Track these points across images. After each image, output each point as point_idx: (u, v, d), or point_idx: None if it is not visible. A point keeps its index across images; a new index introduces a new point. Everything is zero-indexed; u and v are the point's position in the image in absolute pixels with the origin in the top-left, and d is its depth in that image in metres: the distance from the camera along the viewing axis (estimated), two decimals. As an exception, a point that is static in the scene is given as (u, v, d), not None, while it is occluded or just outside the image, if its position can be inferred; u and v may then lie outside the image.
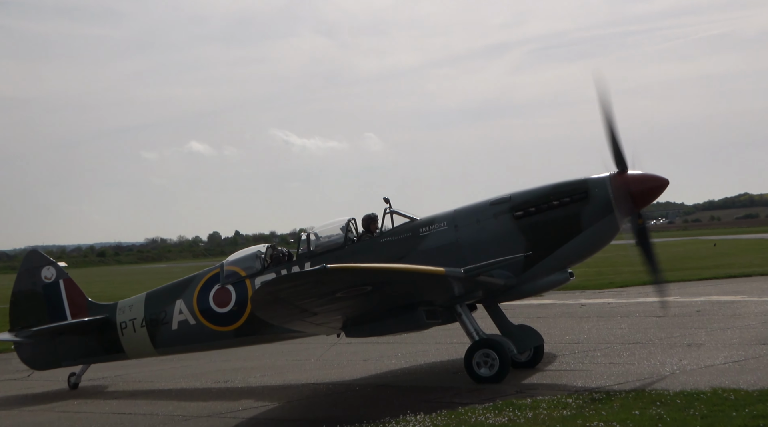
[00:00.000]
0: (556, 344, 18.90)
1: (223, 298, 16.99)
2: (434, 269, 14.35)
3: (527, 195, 15.50)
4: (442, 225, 15.79)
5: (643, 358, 16.18)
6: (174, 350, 17.74)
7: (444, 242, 15.64)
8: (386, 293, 14.36)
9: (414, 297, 15.01)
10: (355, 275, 13.50)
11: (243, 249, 18.10)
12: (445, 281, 14.57)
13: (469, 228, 15.60)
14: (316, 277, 13.06)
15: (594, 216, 15.17)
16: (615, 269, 43.73)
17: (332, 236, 16.69)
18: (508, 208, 15.49)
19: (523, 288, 15.62)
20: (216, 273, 17.33)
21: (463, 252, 15.44)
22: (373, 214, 16.54)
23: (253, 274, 16.91)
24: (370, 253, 15.99)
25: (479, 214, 15.64)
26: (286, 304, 13.85)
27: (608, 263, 47.93)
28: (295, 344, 22.27)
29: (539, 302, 29.48)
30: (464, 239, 15.55)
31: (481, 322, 15.99)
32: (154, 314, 17.65)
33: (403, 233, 16.03)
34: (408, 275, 14.17)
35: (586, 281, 36.89)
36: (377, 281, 13.83)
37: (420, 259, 15.41)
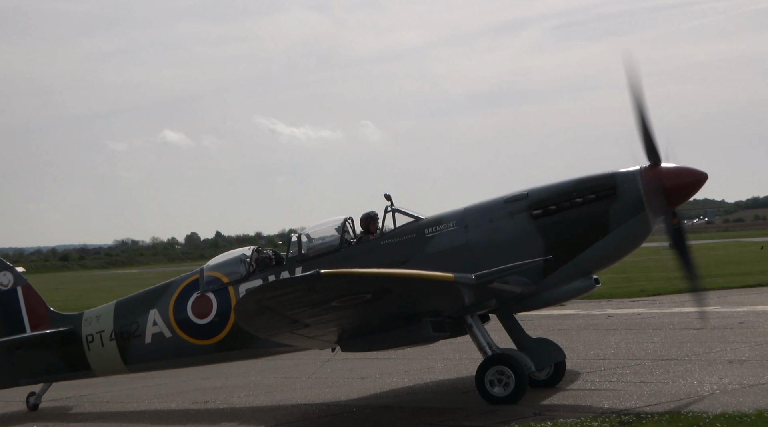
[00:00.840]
0: (580, 359, 18.95)
1: (203, 307, 17.06)
2: (441, 275, 14.40)
3: (547, 191, 15.57)
4: (451, 225, 15.85)
5: (679, 376, 16.22)
6: (147, 367, 17.81)
7: (452, 244, 15.71)
8: (387, 302, 14.41)
9: (419, 307, 15.05)
10: (353, 281, 13.54)
11: (225, 252, 18.15)
12: (453, 288, 14.62)
13: (481, 229, 15.67)
14: (308, 284, 13.10)
15: (623, 215, 15.22)
16: (646, 275, 43.79)
17: (326, 238, 16.73)
18: (525, 207, 15.55)
19: (543, 297, 15.71)
20: (195, 279, 17.39)
21: (474, 256, 15.54)
22: (373, 212, 16.57)
23: (236, 280, 16.97)
24: (369, 256, 16.04)
25: (492, 213, 15.70)
26: (275, 314, 13.89)
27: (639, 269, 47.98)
28: (285, 360, 22.28)
29: (560, 313, 29.57)
30: (475, 241, 15.62)
31: (494, 335, 16.04)
32: (124, 326, 17.70)
33: (406, 235, 16.10)
34: (412, 281, 14.22)
35: (614, 288, 36.95)
36: (377, 288, 13.88)
37: (425, 263, 15.47)
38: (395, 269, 14.85)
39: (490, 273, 14.76)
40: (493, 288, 14.95)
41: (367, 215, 16.59)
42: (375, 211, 16.58)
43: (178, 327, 17.16)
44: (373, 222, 16.52)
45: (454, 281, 14.40)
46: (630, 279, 42.12)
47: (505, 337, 16.77)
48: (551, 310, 28.56)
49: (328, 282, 13.16)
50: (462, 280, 14.56)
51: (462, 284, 14.58)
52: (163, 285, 17.81)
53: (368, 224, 16.56)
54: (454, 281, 14.40)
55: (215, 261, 17.60)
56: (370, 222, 16.55)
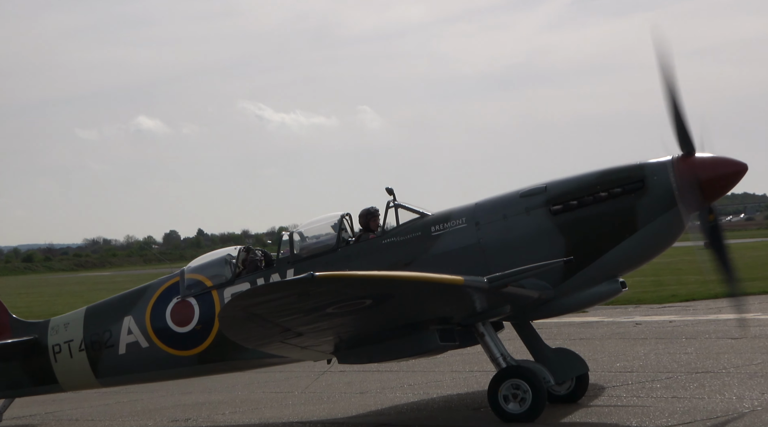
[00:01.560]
0: (605, 372, 18.99)
1: (183, 314, 17.07)
2: (450, 278, 14.42)
3: (567, 185, 15.62)
4: (460, 222, 15.91)
5: (715, 391, 16.24)
6: (121, 380, 17.82)
7: (462, 243, 15.76)
8: (390, 309, 14.43)
9: (424, 313, 15.06)
10: (351, 285, 13.57)
11: (209, 253, 18.15)
12: (463, 292, 14.64)
13: (494, 226, 15.72)
14: (301, 288, 13.13)
15: (652, 211, 15.22)
16: (678, 279, 43.84)
17: (321, 237, 16.75)
18: (543, 201, 15.59)
19: (563, 302, 15.72)
20: (175, 283, 17.41)
21: (486, 256, 15.59)
22: (373, 208, 16.61)
23: (221, 284, 17.00)
24: (369, 257, 16.08)
25: (507, 208, 15.75)
26: (263, 322, 13.91)
27: (670, 271, 48.03)
28: (275, 373, 22.32)
29: (583, 320, 29.62)
30: (488, 240, 15.67)
31: (509, 344, 16.04)
32: (95, 335, 17.70)
33: (410, 233, 16.13)
34: (417, 285, 14.25)
35: (642, 293, 36.98)
36: (378, 292, 13.91)
37: (432, 265, 15.50)
38: (398, 272, 14.88)
39: (504, 276, 14.78)
40: (508, 293, 14.96)
41: (366, 211, 16.62)
42: (375, 206, 16.61)
43: (156, 336, 17.17)
44: (373, 219, 16.54)
45: (464, 285, 14.42)
46: (660, 283, 42.16)
47: (521, 347, 16.79)
48: (572, 317, 28.34)
49: (324, 286, 13.19)
50: (473, 283, 14.58)
51: (473, 288, 14.60)
52: (139, 289, 17.85)
53: (368, 221, 16.59)
54: (464, 285, 14.42)
55: (197, 262, 17.62)
56: (370, 219, 16.57)
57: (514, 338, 16.94)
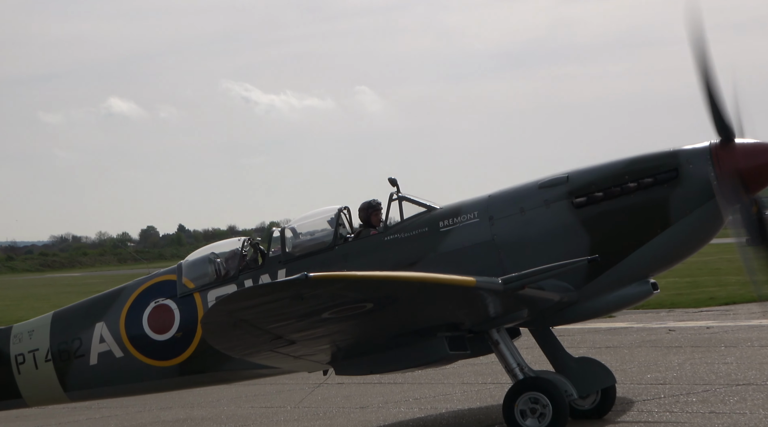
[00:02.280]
0: (634, 384, 19.00)
1: (162, 320, 17.10)
2: (460, 279, 14.45)
3: (592, 174, 15.66)
4: (472, 217, 15.98)
5: (758, 405, 16.24)
6: (93, 394, 17.82)
7: (474, 240, 15.84)
8: (393, 313, 14.46)
9: (432, 319, 15.11)
10: (349, 287, 13.59)
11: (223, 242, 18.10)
12: (475, 295, 14.68)
13: (510, 221, 15.78)
14: (293, 290, 13.14)
15: (688, 203, 15.21)
16: (717, 279, 43.76)
17: (316, 233, 16.81)
18: (564, 193, 15.64)
19: (587, 306, 15.74)
20: (152, 285, 17.47)
21: (501, 255, 15.66)
22: (374, 201, 16.68)
23: (204, 285, 17.05)
24: (370, 256, 16.14)
25: (524, 200, 15.82)
26: (252, 328, 13.93)
27: (707, 271, 47.97)
28: (265, 385, 22.36)
29: (609, 326, 29.54)
30: (503, 237, 15.74)
31: (526, 353, 16.17)
32: (64, 344, 17.69)
33: (416, 228, 16.20)
34: (424, 287, 14.28)
35: (676, 295, 36.95)
36: (380, 295, 13.93)
37: (440, 264, 15.57)
38: (403, 272, 14.91)
39: (522, 276, 14.81)
40: (525, 295, 14.97)
41: (367, 204, 16.66)
42: (377, 199, 16.68)
43: (132, 344, 17.19)
44: (374, 213, 16.60)
45: (476, 287, 14.46)
46: (696, 284, 42.09)
47: (540, 356, 16.81)
48: (598, 322, 28.48)
49: (319, 288, 13.22)
50: (486, 285, 14.61)
51: (486, 290, 14.63)
52: (113, 292, 17.85)
53: (369, 215, 16.63)
54: (476, 287, 14.46)
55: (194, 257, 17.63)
56: (371, 213, 16.61)
57: (532, 346, 16.95)
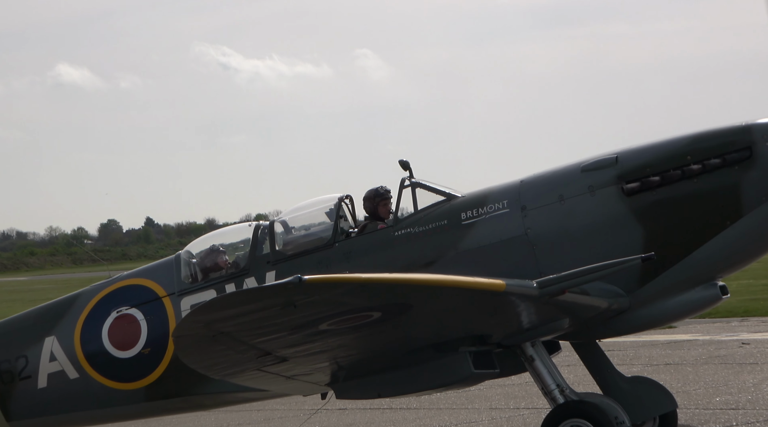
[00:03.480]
0: (699, 409, 18.98)
1: (126, 333, 17.15)
2: (487, 282, 14.39)
3: (646, 154, 15.73)
4: (501, 207, 16.06)
5: None
6: (42, 423, 17.78)
7: (503, 235, 15.92)
8: (406, 324, 14.45)
9: (453, 330, 15.10)
10: (353, 292, 13.51)
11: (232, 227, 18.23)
12: (505, 301, 14.64)
13: (547, 211, 15.88)
14: (285, 296, 13.03)
15: (764, 189, 15.22)
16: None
17: (312, 227, 16.91)
18: (613, 177, 15.69)
19: (641, 314, 15.73)
20: (115, 290, 17.55)
21: (536, 252, 15.75)
22: (382, 189, 16.77)
23: (176, 291, 17.09)
24: (378, 255, 16.25)
25: (564, 187, 15.91)
26: (235, 343, 13.89)
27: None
28: (251, 412, 22.38)
29: (669, 338, 29.52)
30: (538, 230, 15.83)
31: (567, 372, 16.36)
32: (6, 363, 17.74)
33: (433, 221, 16.30)
34: (443, 292, 14.19)
35: (751, 301, 36.88)
36: (390, 302, 13.87)
37: (462, 264, 15.69)
38: (417, 274, 14.88)
39: (561, 278, 14.74)
40: (566, 301, 14.92)
41: (374, 193, 16.73)
42: (385, 186, 16.76)
43: (89, 363, 17.24)
44: (383, 203, 16.67)
45: (506, 292, 14.41)
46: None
47: (584, 375, 16.88)
48: (655, 334, 28.53)
49: (315, 293, 13.11)
50: (517, 289, 14.57)
51: (518, 295, 14.58)
52: (66, 300, 17.91)
53: (376, 205, 16.70)
54: (506, 292, 14.41)
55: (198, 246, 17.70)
56: (378, 203, 16.68)
57: (574, 363, 17.00)
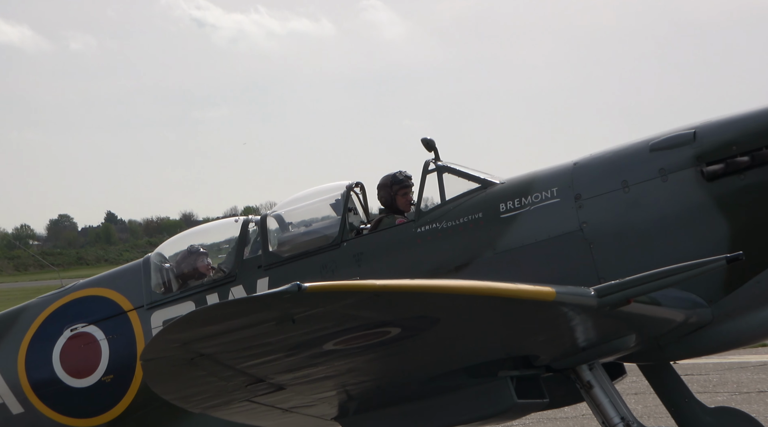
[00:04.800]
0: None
1: (82, 357, 17.28)
2: (532, 290, 14.17)
3: (731, 129, 15.85)
4: (549, 195, 16.22)
5: None
6: (-22, 470, 18.05)
7: (553, 230, 16.09)
8: (431, 343, 14.37)
9: (491, 350, 15.07)
10: (365, 303, 13.25)
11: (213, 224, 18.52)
12: (555, 314, 14.51)
13: (607, 201, 16.00)
14: (280, 309, 12.84)
15: None
16: None
17: (314, 223, 17.13)
18: (690, 158, 15.80)
19: (727, 329, 15.81)
20: (67, 303, 17.68)
21: (594, 252, 15.88)
22: (402, 174, 16.91)
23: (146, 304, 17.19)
24: (396, 256, 16.42)
25: (628, 170, 16.03)
26: (218, 368, 13.79)
27: None
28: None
29: (762, 359, 29.59)
30: (596, 225, 15.96)
31: (634, 402, 16.44)
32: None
33: (465, 214, 16.41)
34: (478, 302, 13.97)
35: None
36: (413, 315, 13.69)
37: (501, 267, 15.98)
38: (445, 280, 14.84)
39: (625, 285, 14.59)
40: (632, 313, 14.83)
41: (391, 179, 16.86)
42: (405, 171, 16.91)
43: (36, 394, 17.36)
44: (402, 192, 16.82)
45: (556, 301, 14.22)
46: None
47: (656, 405, 17.10)
48: (744, 354, 28.55)
49: (319, 305, 12.90)
50: (571, 298, 14.42)
51: (571, 305, 14.44)
52: (7, 316, 18.12)
53: (393, 195, 16.83)
54: (556, 301, 14.22)
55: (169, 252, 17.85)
56: (397, 192, 16.82)
57: (644, 390, 17.14)
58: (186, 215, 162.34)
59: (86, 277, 18.28)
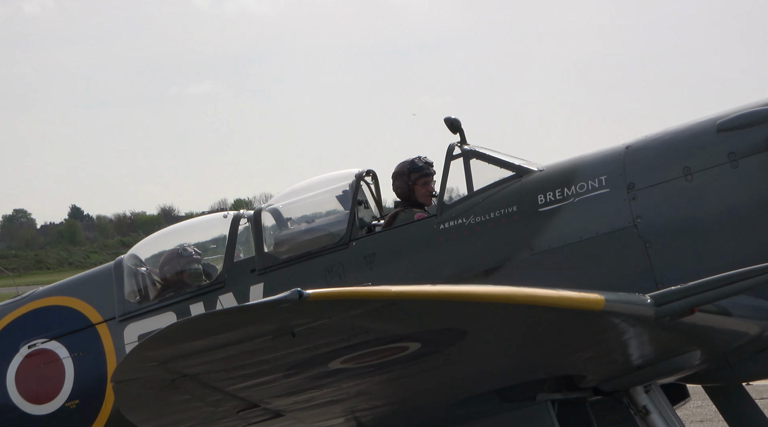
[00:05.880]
0: None
1: (42, 378, 17.34)
2: (577, 297, 14.11)
3: None
4: (596, 185, 16.33)
5: None
6: None
7: (602, 226, 16.23)
8: (457, 360, 14.30)
9: (527, 369, 15.06)
10: (378, 314, 13.12)
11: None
12: (604, 326, 14.45)
13: (666, 191, 16.09)
14: (278, 321, 12.73)
15: None
16: None
17: (318, 218, 17.23)
18: (766, 140, 15.87)
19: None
20: (25, 314, 17.78)
21: (650, 253, 15.96)
22: (421, 160, 16.95)
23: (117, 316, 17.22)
24: (415, 258, 16.43)
25: (690, 154, 16.18)
26: (205, 391, 13.77)
27: None
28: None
29: None
30: (653, 220, 16.08)
31: None
32: None
33: (496, 208, 16.47)
34: (512, 312, 13.86)
35: None
36: (434, 328, 13.60)
37: (540, 271, 16.09)
38: (473, 286, 14.64)
39: (688, 291, 14.55)
40: (696, 325, 14.78)
41: (409, 166, 16.97)
42: (425, 157, 16.98)
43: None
44: (422, 181, 16.90)
45: (606, 311, 14.15)
46: None
47: None
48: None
49: (324, 316, 12.79)
50: (623, 307, 14.37)
51: (624, 315, 14.39)
52: None
53: (412, 184, 16.91)
54: (606, 311, 14.15)
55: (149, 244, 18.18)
56: (416, 181, 16.91)
57: (711, 417, 17.40)
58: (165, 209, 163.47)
59: (47, 283, 18.32)
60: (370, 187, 17.07)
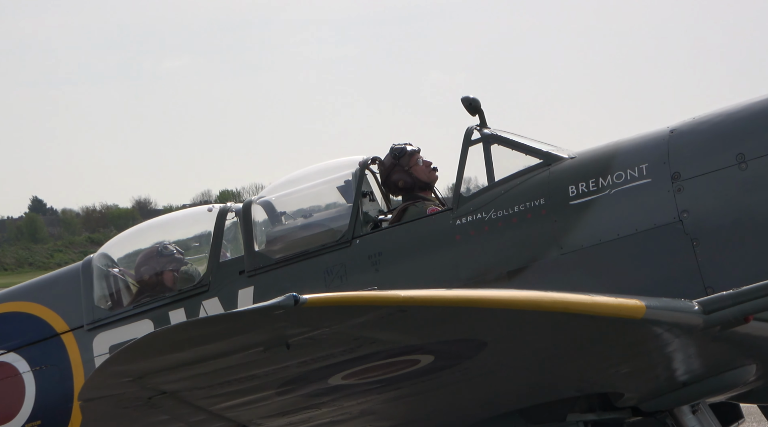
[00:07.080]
0: None
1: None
2: (614, 303, 14.27)
3: None
4: (636, 174, 16.43)
5: None
6: None
7: (642, 222, 16.37)
8: (475, 375, 14.50)
9: (557, 386, 15.22)
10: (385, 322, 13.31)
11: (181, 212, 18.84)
12: (645, 335, 14.62)
13: (716, 182, 16.18)
14: (271, 330, 12.90)
15: None
16: None
17: (315, 212, 17.44)
18: None
19: None
20: None
21: (698, 252, 16.07)
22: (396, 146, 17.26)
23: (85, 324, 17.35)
24: (427, 257, 16.56)
25: (745, 139, 16.30)
26: (185, 410, 13.98)
27: None
28: None
29: None
30: (701, 215, 16.21)
31: None
32: None
33: (521, 200, 16.59)
34: (540, 320, 14.05)
35: None
36: (450, 338, 13.77)
37: (571, 272, 16.19)
38: (494, 290, 14.88)
39: (742, 296, 14.71)
40: (750, 335, 14.96)
41: (394, 156, 17.23)
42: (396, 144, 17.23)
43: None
44: (413, 160, 17.18)
45: (646, 319, 14.32)
46: None
47: None
48: None
49: (323, 325, 12.96)
50: (667, 315, 14.54)
51: (667, 324, 14.54)
52: None
53: (408, 170, 17.11)
54: (646, 319, 14.32)
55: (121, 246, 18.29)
56: (409, 165, 17.13)
57: None
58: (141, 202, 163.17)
59: (4, 287, 18.40)
60: (376, 177, 17.17)
